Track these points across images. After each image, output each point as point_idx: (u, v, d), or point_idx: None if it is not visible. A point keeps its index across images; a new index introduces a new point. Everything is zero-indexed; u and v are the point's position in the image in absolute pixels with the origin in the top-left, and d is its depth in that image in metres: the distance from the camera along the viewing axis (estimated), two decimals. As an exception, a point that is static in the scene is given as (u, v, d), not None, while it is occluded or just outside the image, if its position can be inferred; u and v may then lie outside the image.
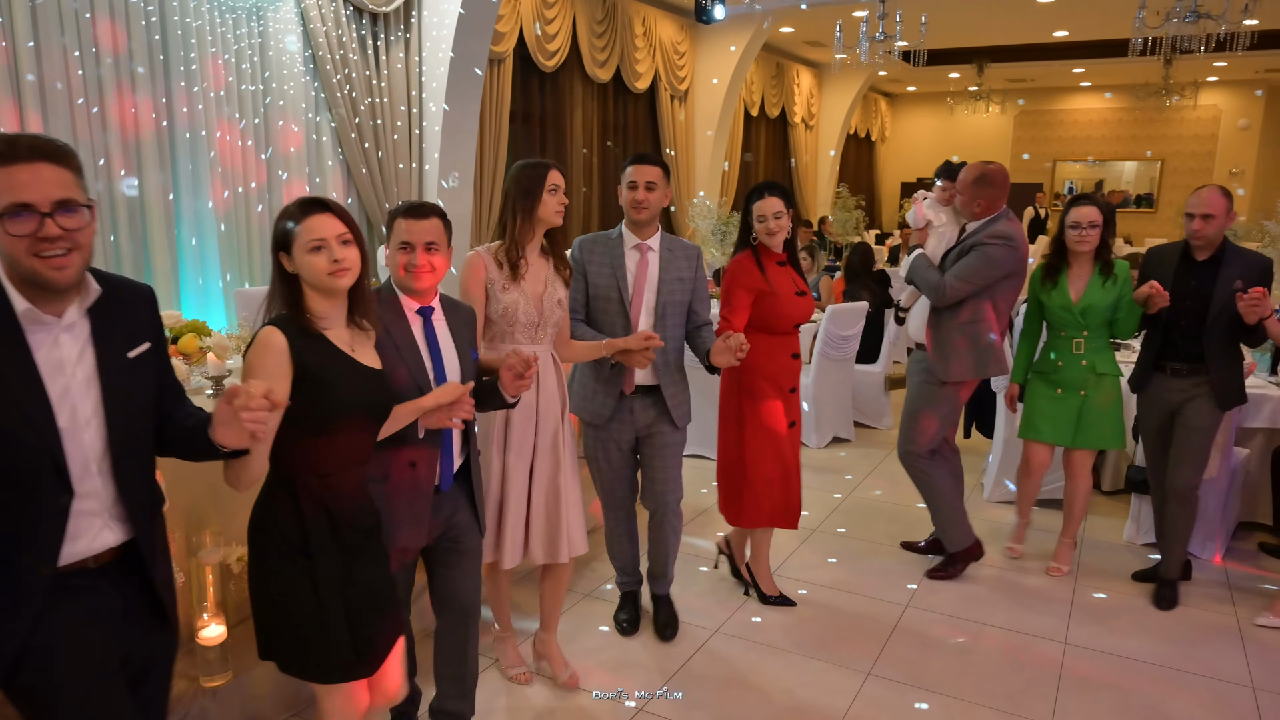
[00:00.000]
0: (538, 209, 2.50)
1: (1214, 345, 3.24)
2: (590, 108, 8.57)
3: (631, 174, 2.82)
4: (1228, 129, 15.29)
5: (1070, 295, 3.43)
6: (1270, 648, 3.17)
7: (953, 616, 3.38)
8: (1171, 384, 3.35)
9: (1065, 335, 3.49)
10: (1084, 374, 3.47)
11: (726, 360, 2.74)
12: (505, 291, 2.49)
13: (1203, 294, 3.23)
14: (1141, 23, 7.02)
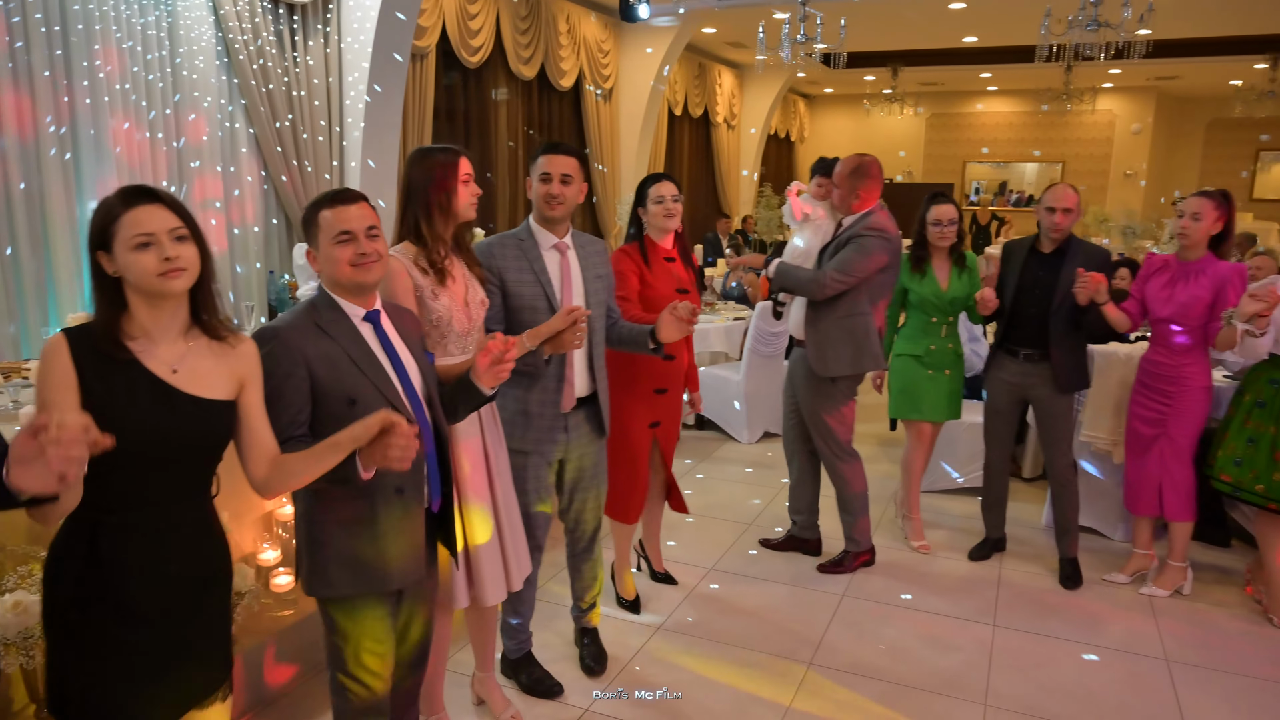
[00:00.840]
0: (454, 204, 2.23)
1: (1057, 332, 3.46)
2: (515, 105, 8.48)
3: (544, 165, 2.53)
4: (1122, 133, 16.12)
5: (939, 285, 3.71)
6: (1181, 622, 3.35)
7: (885, 604, 3.47)
8: (1021, 368, 3.57)
9: (935, 321, 3.76)
10: (949, 355, 3.78)
11: (679, 331, 2.54)
12: (436, 299, 2.21)
13: (1049, 284, 3.46)
14: (1047, 30, 7.33)
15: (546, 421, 2.60)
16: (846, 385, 3.56)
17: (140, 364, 1.53)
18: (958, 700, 2.83)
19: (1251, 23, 10.29)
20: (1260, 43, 11.40)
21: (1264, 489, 3.21)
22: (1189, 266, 3.31)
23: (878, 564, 3.80)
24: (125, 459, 1.45)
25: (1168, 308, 3.31)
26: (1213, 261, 3.28)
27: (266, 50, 5.49)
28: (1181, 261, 3.34)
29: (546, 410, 2.59)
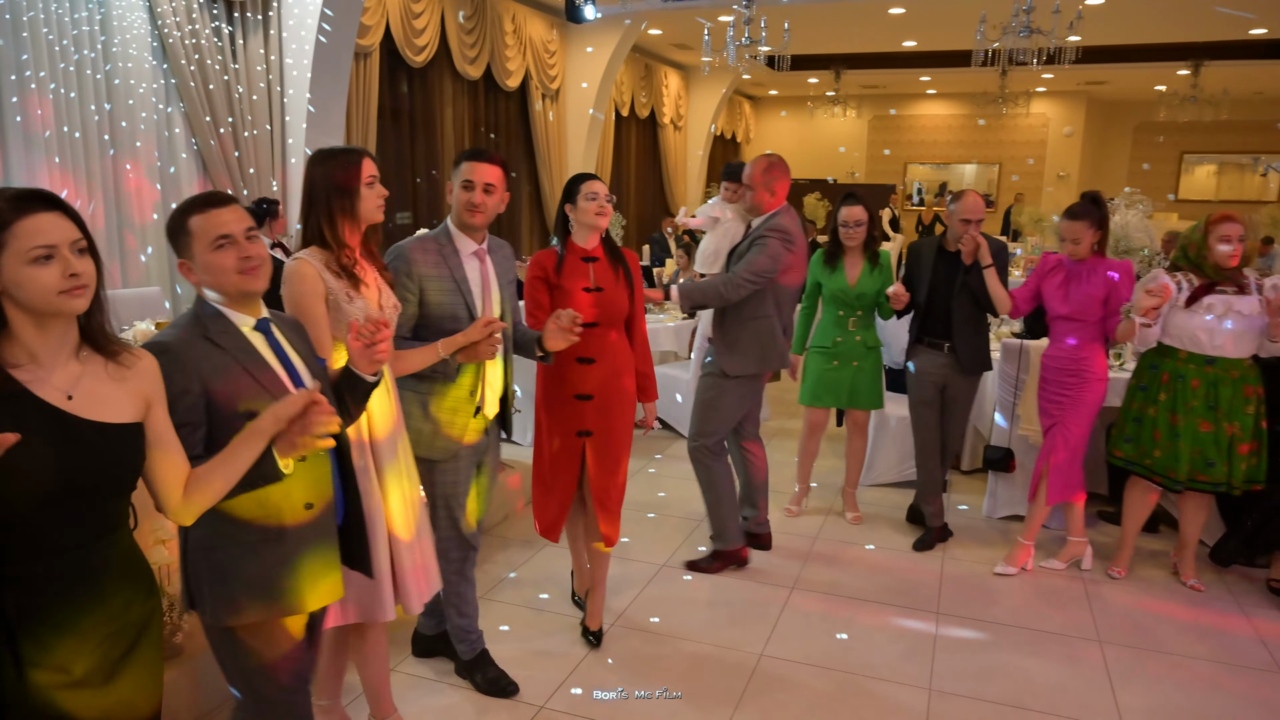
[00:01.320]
0: (359, 207, 2.17)
1: (959, 317, 3.76)
2: (461, 105, 8.43)
3: (467, 172, 2.50)
4: (1055, 135, 16.65)
5: (848, 280, 3.92)
6: (1111, 605, 3.50)
7: (833, 595, 3.55)
8: (939, 359, 3.84)
9: (843, 315, 3.98)
10: (857, 348, 3.99)
11: (563, 340, 2.53)
12: (351, 303, 2.14)
13: (949, 279, 3.77)
14: (982, 36, 7.55)
15: (458, 430, 2.56)
16: (744, 384, 3.57)
17: (30, 393, 1.36)
18: (903, 686, 2.91)
19: (1174, 31, 10.73)
20: (1182, 50, 11.90)
21: (1150, 464, 3.48)
22: (1080, 267, 3.52)
23: (826, 557, 3.89)
24: (26, 502, 1.32)
25: (1066, 305, 3.52)
26: (1100, 260, 3.50)
27: (204, 48, 5.38)
28: (1074, 261, 3.54)
29: (458, 419, 2.55)
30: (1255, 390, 3.36)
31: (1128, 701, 2.84)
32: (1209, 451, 3.36)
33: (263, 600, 1.79)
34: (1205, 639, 3.25)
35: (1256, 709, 2.83)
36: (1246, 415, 3.34)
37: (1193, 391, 3.37)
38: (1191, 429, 3.37)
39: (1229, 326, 3.28)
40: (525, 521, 4.25)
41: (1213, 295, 3.30)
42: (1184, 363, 3.39)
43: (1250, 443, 3.36)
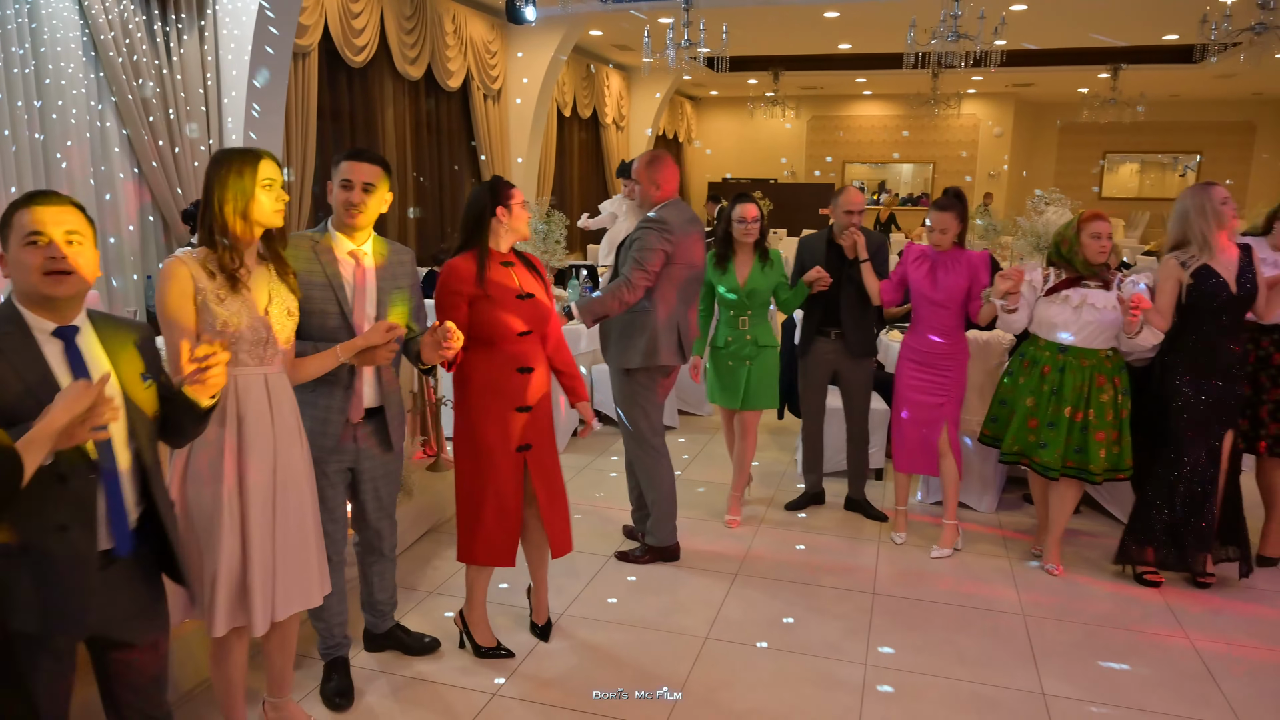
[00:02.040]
0: (251, 209, 2.12)
1: (846, 306, 4.07)
2: (402, 105, 8.40)
3: (346, 171, 2.49)
4: (985, 135, 17.19)
5: (737, 280, 3.97)
6: (1033, 580, 3.70)
7: (775, 579, 3.68)
8: (832, 346, 4.15)
9: (734, 314, 4.02)
10: (750, 347, 4.00)
11: (434, 355, 2.50)
12: (222, 304, 2.09)
13: (841, 269, 4.02)
14: (912, 40, 7.81)
15: (334, 430, 2.56)
16: (645, 378, 3.62)
17: None
18: (841, 662, 3.05)
19: (1104, 33, 11.19)
20: (1102, 54, 12.42)
21: (1020, 448, 3.69)
22: (944, 256, 3.79)
23: (769, 542, 4.03)
24: None
25: (935, 293, 3.77)
26: (962, 250, 3.79)
27: (138, 46, 5.29)
28: (939, 251, 3.81)
29: (334, 419, 2.55)
30: (1111, 380, 3.51)
31: (1048, 668, 3.03)
32: (1043, 434, 3.59)
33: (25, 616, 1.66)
34: (1127, 621, 3.47)
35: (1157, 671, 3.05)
36: (1101, 404, 3.50)
37: (1043, 377, 3.60)
38: (1038, 411, 3.59)
39: (1085, 318, 3.49)
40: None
41: (1073, 288, 3.52)
42: (1041, 349, 3.62)
43: (1107, 431, 3.51)
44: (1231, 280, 3.38)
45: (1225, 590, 3.62)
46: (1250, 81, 14.50)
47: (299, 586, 2.29)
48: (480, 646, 3.03)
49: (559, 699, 2.82)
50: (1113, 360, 3.55)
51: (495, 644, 3.04)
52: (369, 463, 2.70)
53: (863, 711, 2.77)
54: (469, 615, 3.05)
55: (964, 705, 2.81)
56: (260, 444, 2.18)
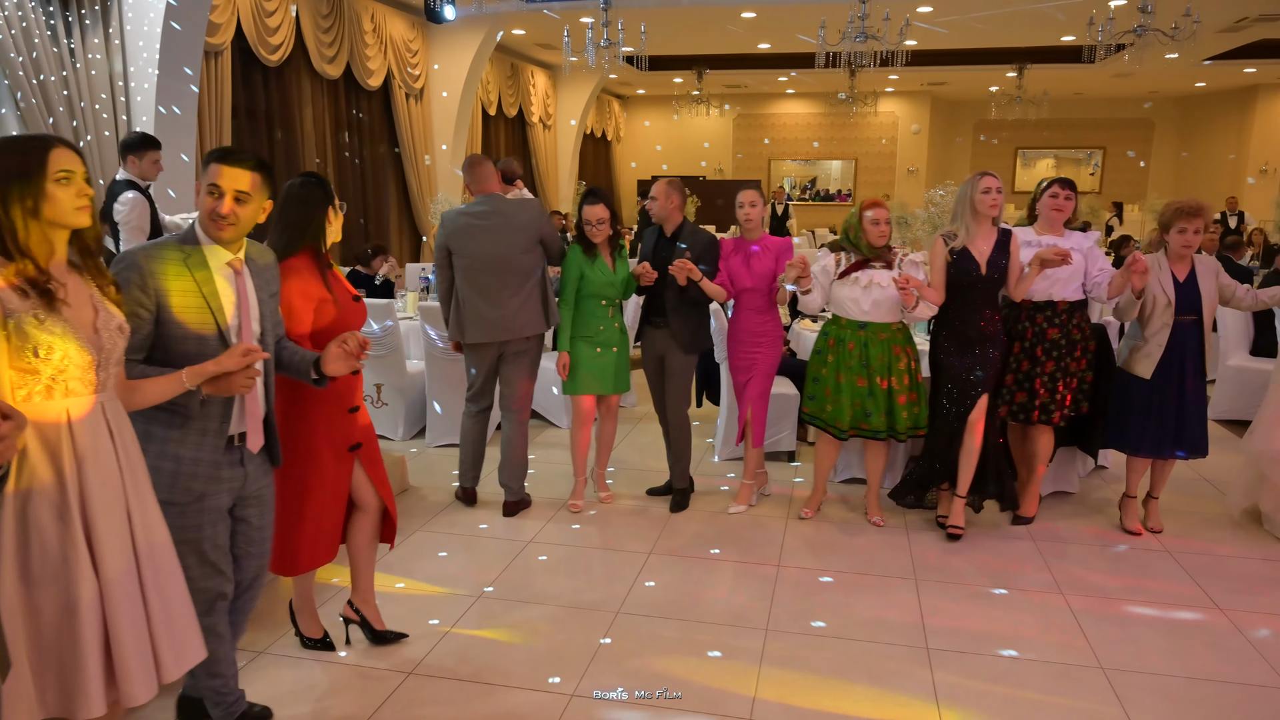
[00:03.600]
0: (44, 208, 1.78)
1: (671, 304, 4.15)
2: (321, 105, 8.35)
3: (213, 175, 2.18)
4: (904, 133, 17.76)
5: (610, 269, 4.11)
6: (926, 547, 3.94)
7: (689, 556, 3.86)
8: (657, 335, 4.26)
9: (604, 304, 4.15)
10: (616, 335, 4.20)
11: (347, 365, 2.37)
12: (41, 326, 1.75)
13: (667, 261, 4.08)
14: (823, 40, 8.09)
15: (206, 468, 2.25)
16: (468, 349, 4.21)
17: None
18: (744, 629, 3.23)
19: (1001, 36, 11.70)
20: (1007, 54, 12.98)
21: (824, 417, 4.05)
22: (755, 244, 4.10)
23: (683, 520, 4.20)
24: None
25: (749, 279, 4.09)
26: (768, 237, 4.12)
27: (39, 45, 5.20)
28: (749, 241, 4.11)
29: (205, 454, 2.24)
30: (905, 349, 3.96)
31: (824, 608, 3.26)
32: (866, 404, 3.97)
33: None
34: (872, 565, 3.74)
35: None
36: (899, 370, 3.93)
37: (849, 352, 3.96)
38: (850, 385, 3.96)
39: (873, 296, 3.88)
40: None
41: (862, 269, 3.91)
42: (843, 328, 3.98)
43: (907, 394, 3.95)
44: (983, 263, 3.79)
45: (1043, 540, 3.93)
46: (1147, 81, 15.31)
47: (186, 641, 2.02)
48: (307, 638, 3.05)
49: (472, 673, 2.93)
50: (903, 332, 3.99)
51: (323, 633, 3.06)
52: (253, 488, 2.40)
53: (760, 674, 2.95)
54: (297, 606, 3.04)
55: (855, 664, 3.02)
56: (109, 485, 1.87)
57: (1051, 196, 3.96)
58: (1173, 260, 3.91)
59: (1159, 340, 3.89)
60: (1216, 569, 3.76)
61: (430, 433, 5.42)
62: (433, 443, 5.40)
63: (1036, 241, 3.95)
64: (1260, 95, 15.61)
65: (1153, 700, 2.80)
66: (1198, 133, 17.49)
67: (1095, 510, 4.42)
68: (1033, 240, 3.97)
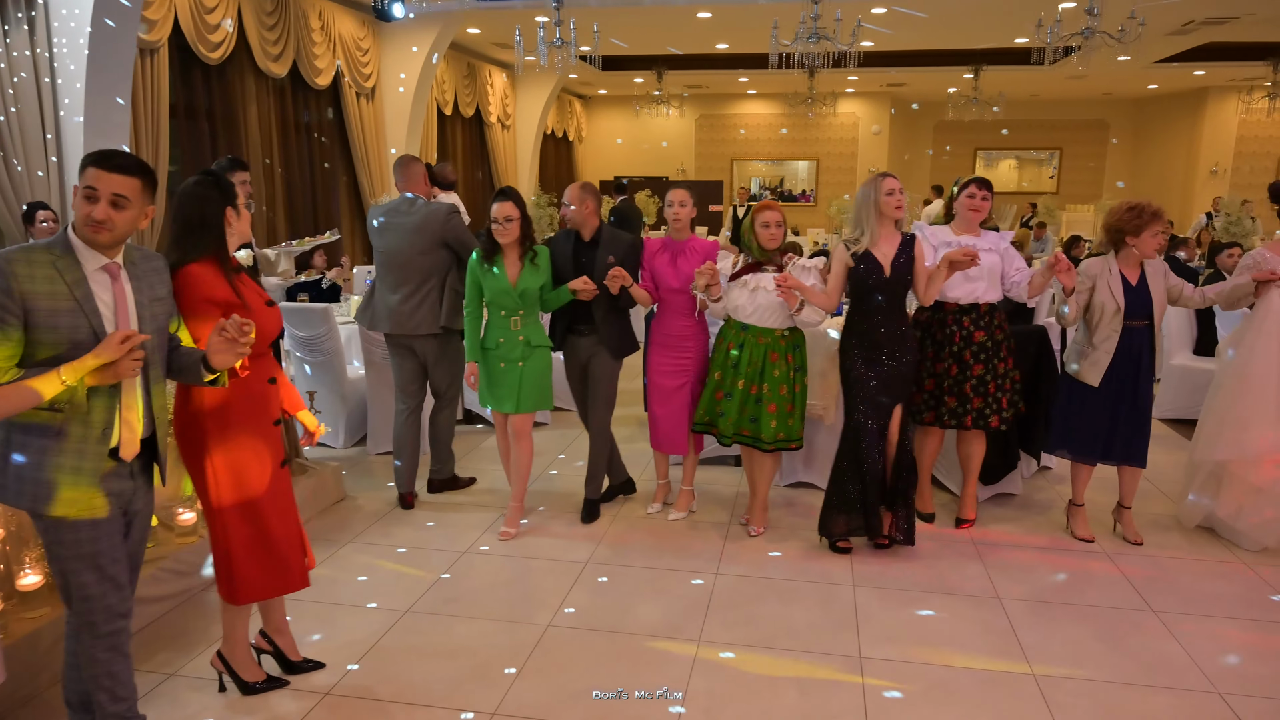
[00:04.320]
0: None
1: (600, 310, 4.03)
2: (267, 104, 8.16)
3: (90, 178, 2.10)
4: (865, 134, 17.84)
5: (509, 280, 3.85)
6: (863, 557, 3.91)
7: (622, 566, 3.78)
8: (581, 343, 4.13)
9: (505, 315, 3.89)
10: (522, 348, 3.90)
11: (230, 356, 2.25)
12: None
13: (590, 268, 4.00)
14: (776, 40, 8.06)
15: (87, 478, 2.15)
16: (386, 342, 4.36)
17: None
18: (677, 640, 3.17)
19: (957, 38, 11.78)
20: (966, 55, 13.08)
21: (709, 419, 3.96)
22: (683, 245, 4.01)
23: (624, 529, 4.13)
24: None
25: (677, 280, 3.99)
26: (695, 239, 4.04)
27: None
28: (676, 241, 4.02)
29: (87, 464, 2.14)
30: (785, 357, 3.83)
31: (867, 634, 3.22)
32: (723, 404, 3.91)
33: None
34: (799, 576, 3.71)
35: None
36: (774, 379, 3.82)
37: (728, 354, 3.91)
38: (734, 388, 3.88)
39: (757, 300, 3.81)
40: (328, 520, 4.25)
41: (753, 273, 3.84)
42: (729, 328, 3.92)
43: (780, 404, 3.82)
44: (887, 265, 3.70)
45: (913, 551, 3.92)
46: (1100, 83, 15.52)
47: None
48: (249, 683, 2.82)
49: (394, 694, 2.83)
50: (788, 339, 3.87)
51: (265, 677, 2.85)
52: (140, 505, 2.33)
53: (689, 684, 2.89)
54: (233, 654, 2.80)
55: (785, 674, 2.96)
56: None
57: (969, 197, 3.92)
58: (1124, 263, 3.84)
59: (1107, 348, 3.82)
60: (1155, 572, 3.76)
61: (371, 440, 5.30)
62: (374, 450, 5.28)
63: (956, 242, 3.90)
64: (1210, 97, 15.90)
65: (1082, 706, 2.78)
66: (1151, 134, 17.78)
67: (1038, 512, 4.42)
68: (951, 240, 3.92)
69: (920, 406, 4.02)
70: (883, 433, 3.78)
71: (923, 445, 4.16)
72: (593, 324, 4.08)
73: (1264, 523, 3.88)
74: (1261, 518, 3.88)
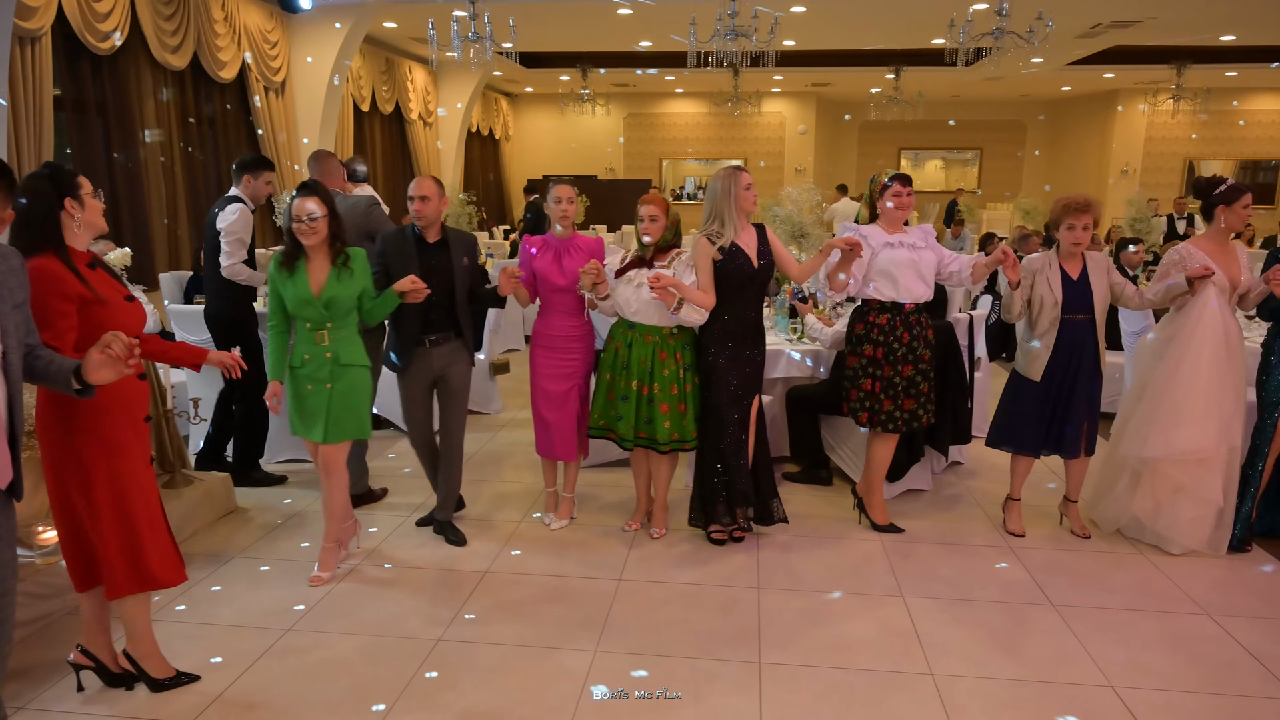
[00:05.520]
0: None
1: (464, 311, 3.81)
2: (166, 97, 7.78)
3: None
4: (791, 133, 18.01)
5: (310, 287, 3.35)
6: (771, 558, 3.86)
7: (529, 574, 3.66)
8: (434, 353, 3.76)
9: (311, 328, 3.40)
10: (330, 367, 3.40)
11: (110, 373, 2.12)
12: None
13: (443, 270, 3.70)
14: (694, 38, 8.01)
15: None
16: None
17: None
18: (570, 650, 3.06)
19: (876, 38, 11.93)
20: (886, 56, 13.27)
21: (605, 424, 3.86)
22: (568, 243, 3.88)
23: (520, 539, 4.00)
24: None
25: (563, 279, 3.86)
26: (580, 237, 3.91)
27: None
28: (560, 239, 3.89)
29: None
30: (674, 356, 3.75)
31: (768, 639, 3.16)
32: (619, 407, 3.84)
33: None
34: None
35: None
36: (664, 378, 3.75)
37: (616, 353, 3.84)
38: (610, 385, 3.83)
39: (641, 296, 3.73)
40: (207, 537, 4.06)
41: (637, 268, 3.78)
42: (618, 326, 3.86)
43: (672, 404, 3.75)
44: (753, 256, 3.70)
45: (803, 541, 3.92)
46: (1017, 84, 15.93)
47: None
48: (159, 680, 2.76)
49: (271, 715, 2.66)
50: (676, 338, 3.78)
51: (175, 672, 2.80)
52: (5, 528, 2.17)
53: (581, 697, 2.78)
54: (139, 650, 2.74)
55: (680, 682, 2.87)
56: None
57: (895, 195, 3.87)
58: (1064, 258, 3.83)
59: (1047, 342, 3.81)
60: (1057, 566, 3.79)
61: (268, 448, 5.05)
62: (270, 459, 5.03)
63: (898, 241, 3.86)
64: (1120, 100, 16.46)
65: (976, 706, 2.75)
66: (1066, 135, 18.34)
67: (945, 508, 4.44)
68: (894, 240, 3.86)
69: (857, 407, 3.96)
70: (744, 424, 3.77)
71: (878, 452, 4.06)
72: (451, 330, 3.79)
73: (1187, 522, 3.82)
74: (1183, 517, 3.82)
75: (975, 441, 4.85)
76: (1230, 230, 3.84)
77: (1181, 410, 3.73)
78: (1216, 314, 3.72)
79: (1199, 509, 3.82)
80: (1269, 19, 10.31)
